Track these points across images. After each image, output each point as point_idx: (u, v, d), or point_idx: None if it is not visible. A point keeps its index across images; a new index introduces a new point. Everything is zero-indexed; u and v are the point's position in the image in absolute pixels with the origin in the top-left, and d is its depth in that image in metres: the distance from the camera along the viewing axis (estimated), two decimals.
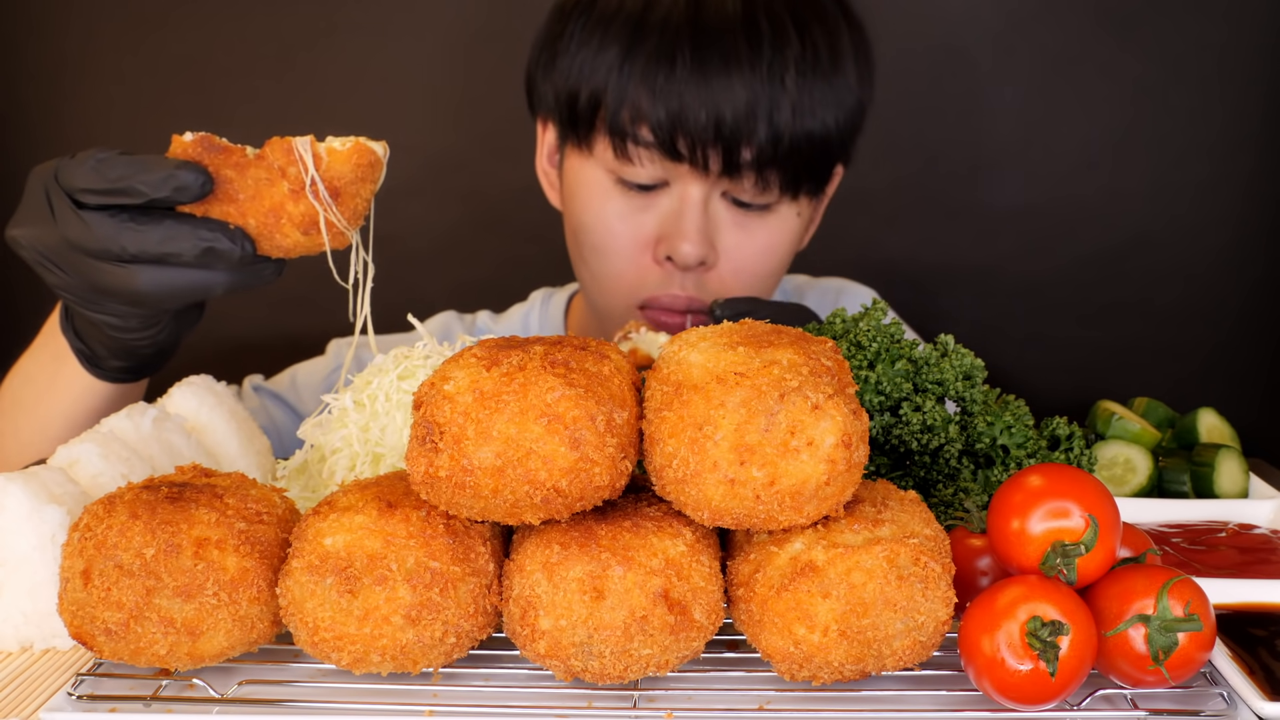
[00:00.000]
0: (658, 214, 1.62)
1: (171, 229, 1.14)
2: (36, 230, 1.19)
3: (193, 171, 1.12)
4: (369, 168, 1.16)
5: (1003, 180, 2.37)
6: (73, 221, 1.16)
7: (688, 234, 1.60)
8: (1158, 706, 0.95)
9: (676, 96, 1.54)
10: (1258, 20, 2.30)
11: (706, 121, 1.54)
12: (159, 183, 1.12)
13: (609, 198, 1.64)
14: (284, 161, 1.14)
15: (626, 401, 0.95)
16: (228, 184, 1.14)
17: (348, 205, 1.16)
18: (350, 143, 1.15)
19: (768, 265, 1.67)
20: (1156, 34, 2.31)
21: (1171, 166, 2.36)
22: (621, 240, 1.64)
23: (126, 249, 1.14)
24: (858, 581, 0.91)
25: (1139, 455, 1.32)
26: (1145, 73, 2.32)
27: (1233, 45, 2.31)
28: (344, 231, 1.17)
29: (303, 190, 1.14)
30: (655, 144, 1.56)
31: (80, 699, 0.95)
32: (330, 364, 1.89)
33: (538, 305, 1.96)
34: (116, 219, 1.14)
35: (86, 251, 1.16)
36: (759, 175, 1.58)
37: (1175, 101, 2.34)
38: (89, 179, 1.14)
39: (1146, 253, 2.38)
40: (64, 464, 1.14)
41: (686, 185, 1.60)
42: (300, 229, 1.15)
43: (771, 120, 1.55)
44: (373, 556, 0.93)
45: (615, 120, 1.58)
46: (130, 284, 1.16)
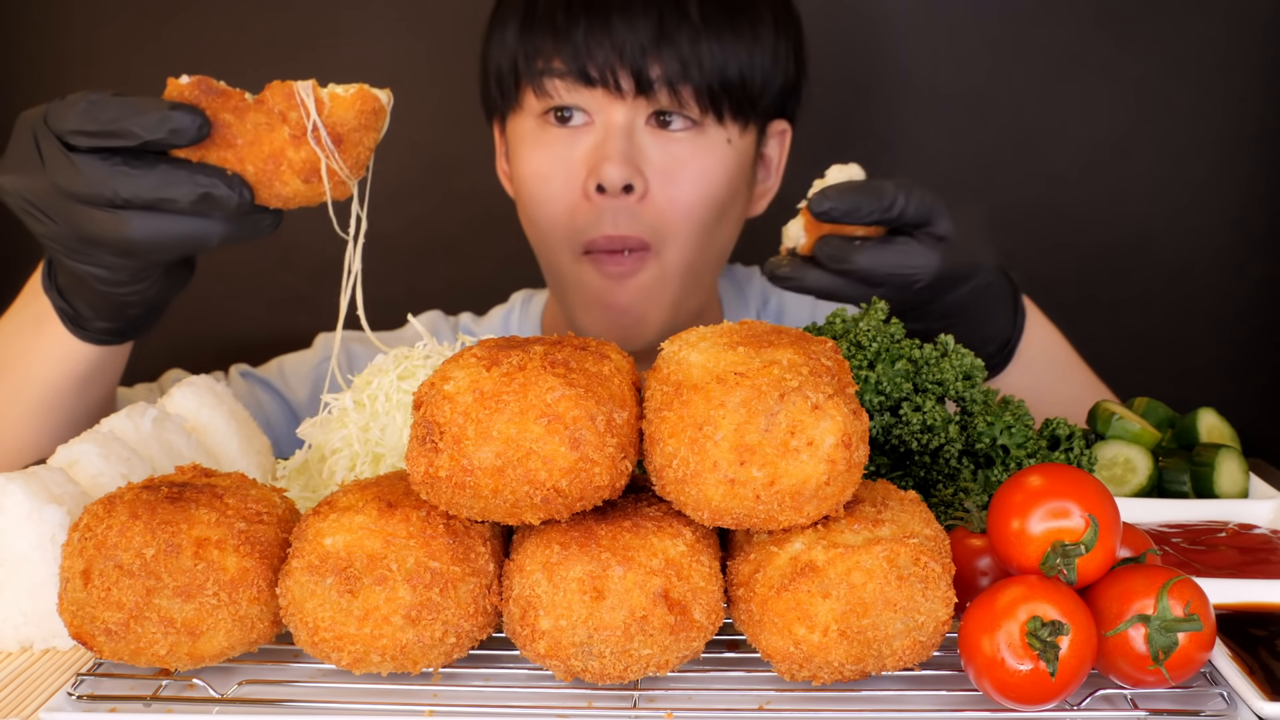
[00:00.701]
0: (585, 148, 1.65)
1: (166, 174, 1.10)
2: (23, 176, 1.15)
3: (189, 113, 1.08)
4: (372, 115, 1.12)
5: (1002, 180, 2.37)
6: (62, 165, 1.11)
7: (611, 156, 1.62)
8: (1158, 706, 0.95)
9: (581, 27, 1.61)
10: (1258, 20, 2.30)
11: (612, 44, 1.60)
12: (154, 124, 1.08)
13: (538, 144, 1.68)
14: (285, 106, 1.10)
15: (626, 401, 0.95)
16: (225, 128, 1.10)
17: (350, 153, 1.12)
18: (354, 89, 1.11)
19: (701, 192, 1.68)
20: (1156, 34, 2.31)
21: (1171, 166, 2.36)
22: (555, 183, 1.67)
23: (118, 193, 1.10)
24: (858, 581, 0.91)
25: (1139, 455, 1.32)
26: (1145, 73, 2.32)
27: (1233, 45, 2.31)
28: (345, 180, 1.13)
29: (304, 136, 1.10)
30: (568, 72, 1.62)
31: (80, 699, 0.95)
32: (317, 356, 1.89)
33: (518, 306, 1.97)
34: (108, 162, 1.10)
35: (76, 197, 1.12)
36: (672, 91, 1.62)
37: (1175, 101, 2.34)
38: (80, 120, 1.10)
39: (1146, 252, 2.38)
40: (64, 464, 1.14)
41: (608, 114, 1.64)
42: (301, 176, 1.11)
43: (676, 40, 1.61)
44: (373, 556, 0.93)
45: (530, 66, 1.65)
46: (121, 231, 1.12)
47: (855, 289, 1.32)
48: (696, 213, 1.68)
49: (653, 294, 1.71)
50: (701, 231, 1.70)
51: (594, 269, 1.69)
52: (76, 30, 2.29)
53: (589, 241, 1.67)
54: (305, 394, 1.86)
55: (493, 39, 1.73)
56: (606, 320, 1.72)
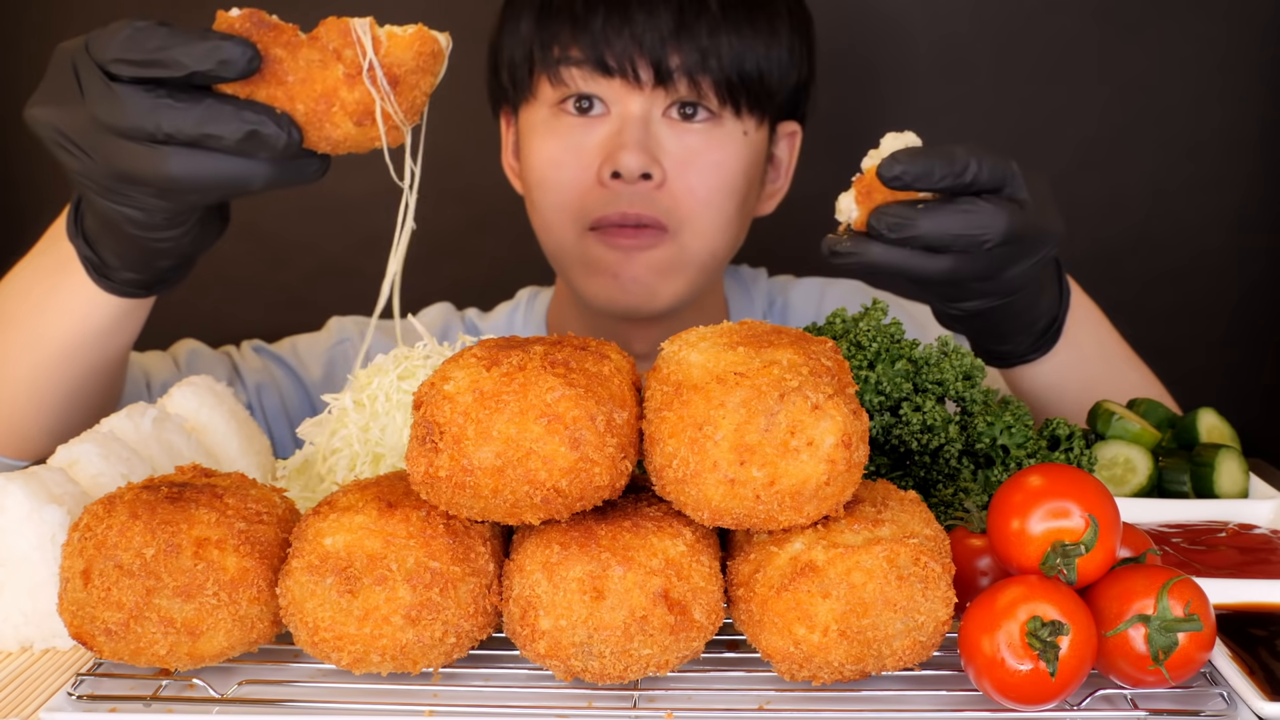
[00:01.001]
0: (599, 137, 1.65)
1: (212, 108, 1.04)
2: (59, 108, 1.10)
3: (240, 44, 1.02)
4: (431, 57, 1.07)
5: None
6: (103, 95, 1.05)
7: (628, 145, 1.62)
8: (1158, 706, 0.95)
9: (598, 13, 1.61)
10: (1258, 20, 2.30)
11: (631, 34, 1.59)
12: (202, 55, 1.02)
13: (551, 132, 1.67)
14: (340, 44, 1.04)
15: (626, 401, 0.95)
16: (276, 64, 1.03)
17: (405, 96, 1.06)
18: (412, 29, 1.05)
19: (720, 181, 1.68)
20: (1156, 34, 2.31)
21: (1171, 166, 2.36)
22: (567, 169, 1.66)
23: (160, 127, 1.04)
24: (858, 581, 0.91)
25: (1139, 455, 1.32)
26: (1145, 73, 2.32)
27: (1233, 45, 2.31)
28: (399, 125, 1.07)
29: (359, 75, 1.04)
30: (586, 60, 1.61)
31: (80, 699, 0.95)
32: (332, 338, 1.88)
33: (524, 304, 1.97)
34: (152, 94, 1.04)
35: (115, 130, 1.06)
36: (691, 81, 1.62)
37: (1175, 101, 2.34)
38: (124, 48, 1.04)
39: (1146, 252, 2.38)
40: (64, 464, 1.14)
41: (625, 104, 1.63)
42: (353, 118, 1.05)
43: (695, 31, 1.61)
44: (373, 556, 0.93)
45: (546, 55, 1.64)
46: (160, 168, 1.06)
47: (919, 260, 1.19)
48: (715, 202, 1.68)
49: (666, 270, 1.71)
50: (720, 220, 1.70)
51: (600, 241, 1.68)
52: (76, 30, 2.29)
53: (599, 218, 1.66)
54: (319, 374, 1.85)
55: (506, 29, 1.72)
56: (611, 286, 1.71)
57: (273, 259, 2.46)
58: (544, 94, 1.68)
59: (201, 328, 1.84)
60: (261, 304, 2.44)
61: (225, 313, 2.24)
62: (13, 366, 1.36)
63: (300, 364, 1.85)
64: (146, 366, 1.67)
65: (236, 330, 1.89)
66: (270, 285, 2.48)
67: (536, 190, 1.72)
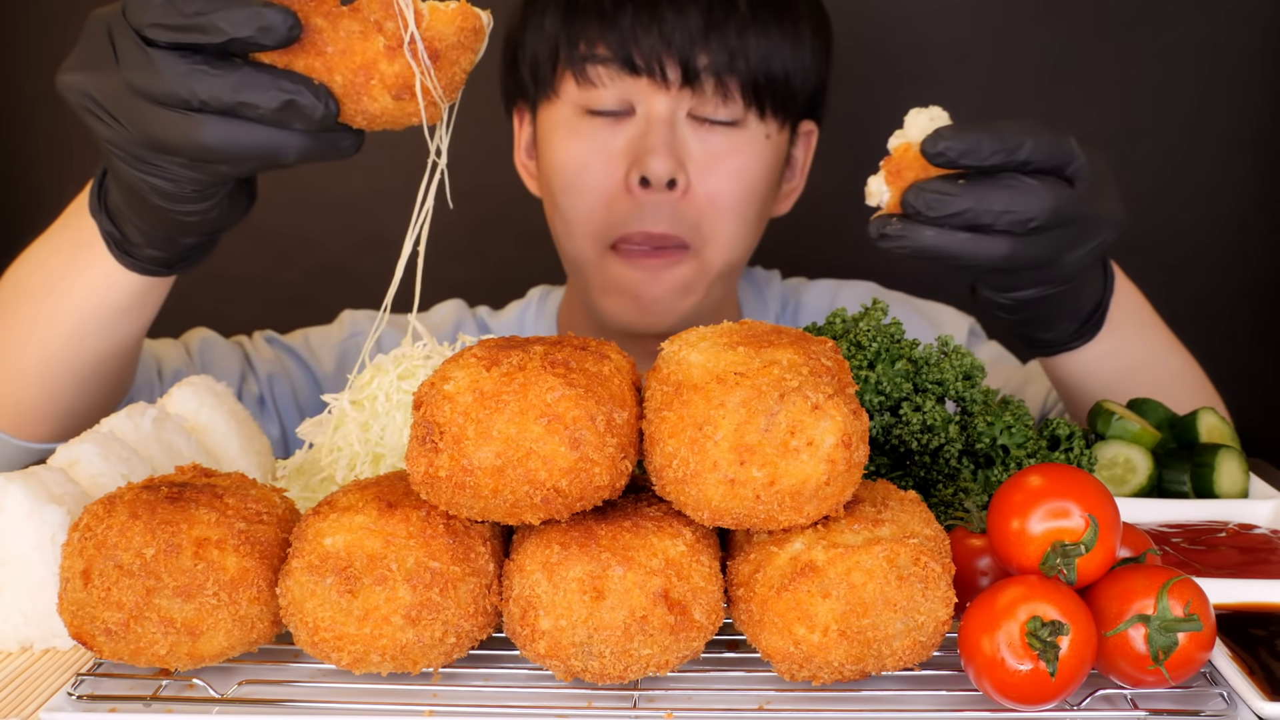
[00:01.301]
0: (626, 139, 1.63)
1: (249, 76, 1.02)
2: (93, 74, 1.08)
3: (280, 12, 1.00)
4: (472, 34, 1.05)
5: None
6: (138, 61, 1.04)
7: (656, 149, 1.60)
8: (1158, 706, 0.95)
9: (626, 11, 1.59)
10: (1258, 20, 2.30)
11: (660, 32, 1.58)
12: (243, 20, 1.00)
13: (576, 132, 1.65)
14: (381, 15, 1.02)
15: (626, 401, 0.95)
16: (316, 33, 1.01)
17: (445, 72, 1.04)
18: (455, 4, 1.04)
19: (742, 187, 1.66)
20: (1156, 34, 2.31)
21: (1171, 166, 2.36)
22: (593, 173, 1.64)
23: (196, 94, 1.03)
24: (858, 581, 0.91)
25: (1139, 455, 1.32)
26: (1145, 73, 2.32)
27: (1233, 45, 2.31)
28: (438, 102, 1.06)
29: (400, 48, 1.02)
30: (613, 59, 1.59)
31: (80, 699, 0.95)
32: (344, 331, 1.87)
33: (534, 303, 1.95)
34: (189, 60, 1.02)
35: (150, 96, 1.04)
36: (719, 82, 1.61)
37: (1175, 101, 2.34)
38: (162, 13, 1.02)
39: (1145, 252, 2.38)
40: (64, 464, 1.14)
41: (651, 105, 1.62)
42: (392, 92, 1.03)
43: (724, 30, 1.59)
44: (373, 556, 0.93)
45: (571, 52, 1.62)
46: (194, 135, 1.04)
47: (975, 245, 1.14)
48: (738, 209, 1.67)
49: (686, 288, 1.70)
50: (741, 227, 1.69)
51: (623, 262, 1.67)
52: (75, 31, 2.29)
53: (624, 236, 1.65)
54: (331, 367, 1.84)
55: (529, 24, 1.69)
56: (631, 308, 1.70)
57: (275, 257, 2.46)
58: (567, 92, 1.66)
59: (203, 325, 1.84)
60: (263, 302, 2.44)
61: (226, 311, 2.24)
62: (25, 343, 1.34)
63: (313, 356, 1.84)
64: (158, 354, 1.66)
65: (238, 328, 1.89)
66: (272, 283, 2.48)
67: (559, 193, 1.69)
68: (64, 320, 1.31)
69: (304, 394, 1.81)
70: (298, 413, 1.80)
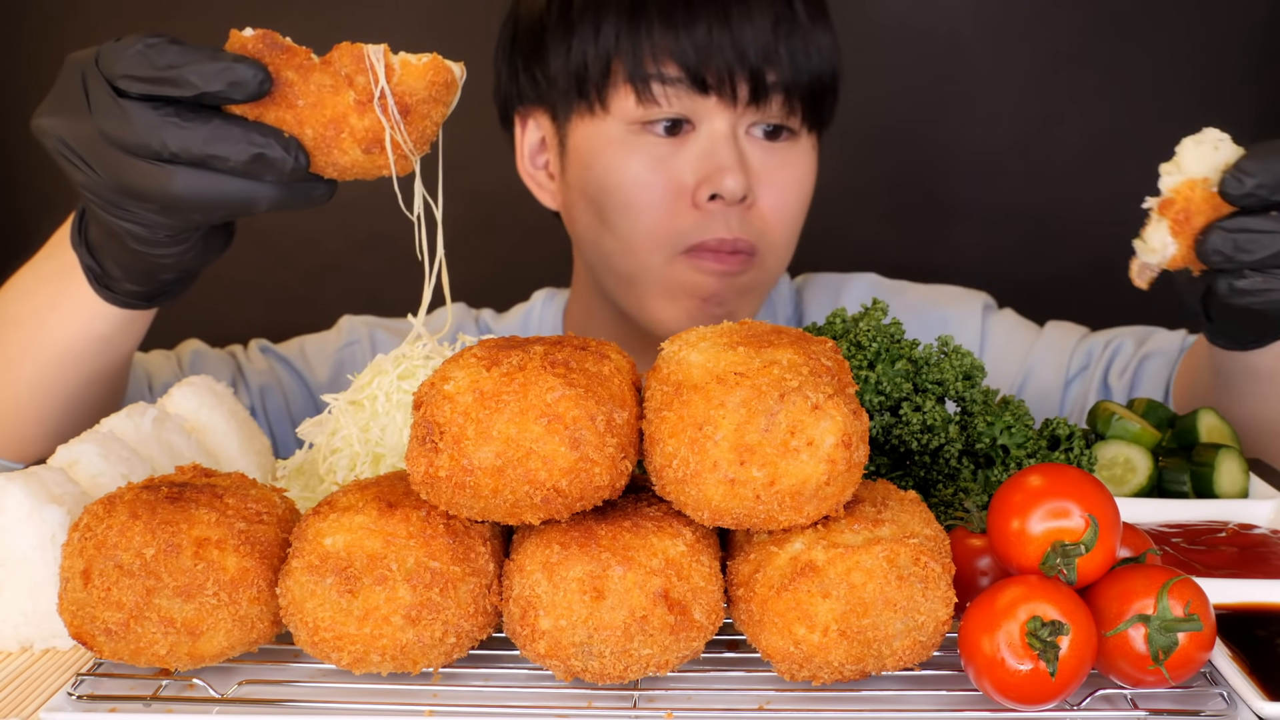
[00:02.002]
0: (689, 157, 1.60)
1: (220, 129, 1.03)
2: (66, 120, 1.09)
3: (251, 66, 1.02)
4: (444, 88, 1.06)
5: (1003, 180, 2.37)
6: (111, 111, 1.05)
7: (729, 167, 1.57)
8: (1158, 706, 0.95)
9: (702, 26, 1.53)
10: (1257, 21, 2.30)
11: (733, 48, 1.54)
12: (213, 75, 1.01)
13: (633, 151, 1.60)
14: (352, 69, 1.03)
15: (626, 401, 0.95)
16: (287, 87, 1.03)
17: (416, 126, 1.05)
18: (427, 58, 1.04)
19: (801, 197, 1.66)
20: (1156, 34, 2.31)
21: None
22: (655, 191, 1.60)
23: (167, 145, 1.04)
24: (858, 581, 0.91)
25: (1139, 455, 1.32)
26: (1145, 73, 2.32)
27: (1232, 46, 2.31)
28: (409, 155, 1.07)
29: (370, 102, 1.03)
30: (683, 78, 1.55)
31: (80, 699, 0.95)
32: (341, 339, 1.85)
33: (539, 305, 1.94)
34: (160, 112, 1.04)
35: (121, 145, 1.06)
36: (786, 98, 1.58)
37: (1175, 101, 2.34)
38: (135, 64, 1.03)
39: None
40: (64, 464, 1.14)
41: (714, 122, 1.58)
42: (362, 145, 1.05)
43: (790, 41, 1.56)
44: (373, 556, 0.93)
45: (637, 65, 1.55)
46: (165, 186, 1.06)
47: None
48: (796, 220, 1.67)
49: (747, 292, 1.69)
50: (794, 236, 1.69)
51: (694, 266, 1.63)
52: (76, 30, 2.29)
53: (697, 244, 1.61)
54: (326, 375, 1.82)
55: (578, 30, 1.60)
56: (694, 313, 1.67)
57: (274, 257, 2.46)
58: (621, 108, 1.59)
59: (202, 326, 1.85)
60: (262, 302, 2.44)
61: (225, 311, 2.24)
62: (15, 369, 1.35)
63: (307, 366, 1.83)
64: (149, 368, 1.66)
65: (237, 328, 1.89)
66: (271, 284, 2.49)
67: (615, 212, 1.63)
68: (51, 348, 1.32)
69: (297, 404, 1.80)
70: (290, 423, 1.78)
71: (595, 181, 1.64)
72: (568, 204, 1.72)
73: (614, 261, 1.68)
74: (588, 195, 1.66)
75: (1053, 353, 1.80)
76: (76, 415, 1.40)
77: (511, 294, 2.01)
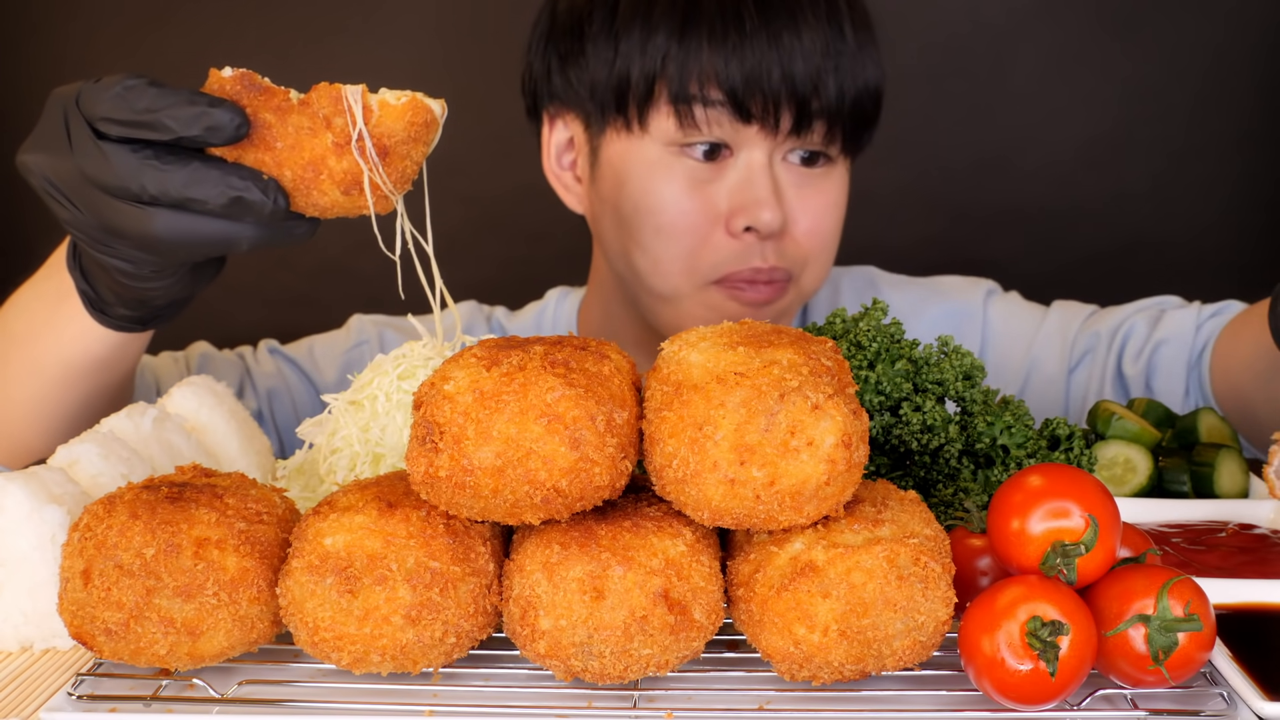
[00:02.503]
0: (726, 185, 1.58)
1: (198, 172, 1.04)
2: (50, 158, 1.10)
3: (228, 111, 1.02)
4: (423, 127, 1.05)
5: (1003, 180, 2.37)
6: (90, 153, 1.06)
7: (766, 201, 1.56)
8: (1158, 706, 0.95)
9: (752, 54, 1.51)
10: (1257, 20, 2.30)
11: (781, 77, 1.51)
12: (190, 120, 1.02)
13: (672, 174, 1.57)
14: (330, 111, 1.03)
15: (626, 401, 0.95)
16: (265, 129, 1.03)
17: (395, 166, 1.05)
18: (406, 97, 1.04)
19: (834, 224, 1.65)
20: (1156, 34, 2.31)
21: (1171, 166, 2.36)
22: (692, 217, 1.58)
23: (146, 189, 1.05)
24: (858, 581, 0.91)
25: (1139, 455, 1.32)
26: (1145, 73, 2.32)
27: (1232, 45, 2.31)
28: (389, 195, 1.06)
29: (348, 144, 1.03)
30: (727, 105, 1.52)
31: (80, 699, 0.95)
32: (350, 339, 1.84)
33: (553, 304, 1.92)
34: (139, 154, 1.05)
35: (102, 187, 1.07)
36: (829, 129, 1.56)
37: (1175, 101, 2.34)
38: (113, 108, 1.04)
39: (1146, 253, 2.39)
40: (64, 464, 1.14)
41: (752, 150, 1.57)
42: (340, 187, 1.05)
43: (838, 71, 1.53)
44: (373, 556, 0.93)
45: (682, 88, 1.53)
46: (145, 227, 1.07)
47: None
48: (831, 244, 1.65)
49: (782, 315, 1.69)
50: (831, 258, 1.67)
51: (728, 296, 1.62)
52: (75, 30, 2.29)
53: (729, 274, 1.60)
54: (334, 376, 1.81)
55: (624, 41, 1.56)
56: None
57: (276, 258, 2.46)
58: (660, 128, 1.56)
59: (204, 326, 1.84)
60: (263, 302, 2.44)
61: (228, 311, 2.25)
62: (16, 387, 1.36)
63: (315, 367, 1.82)
64: (157, 371, 1.66)
65: (239, 328, 1.89)
66: (272, 284, 2.49)
67: (648, 234, 1.60)
68: (51, 367, 1.33)
69: (304, 407, 1.79)
70: (295, 424, 1.78)
71: (629, 200, 1.61)
72: (596, 213, 1.69)
73: (646, 279, 1.65)
74: (620, 213, 1.63)
75: (1056, 338, 1.78)
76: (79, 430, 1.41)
77: (520, 294, 2.01)
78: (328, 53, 2.29)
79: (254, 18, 2.28)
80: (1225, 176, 2.35)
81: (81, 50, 2.29)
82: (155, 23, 2.29)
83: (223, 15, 2.28)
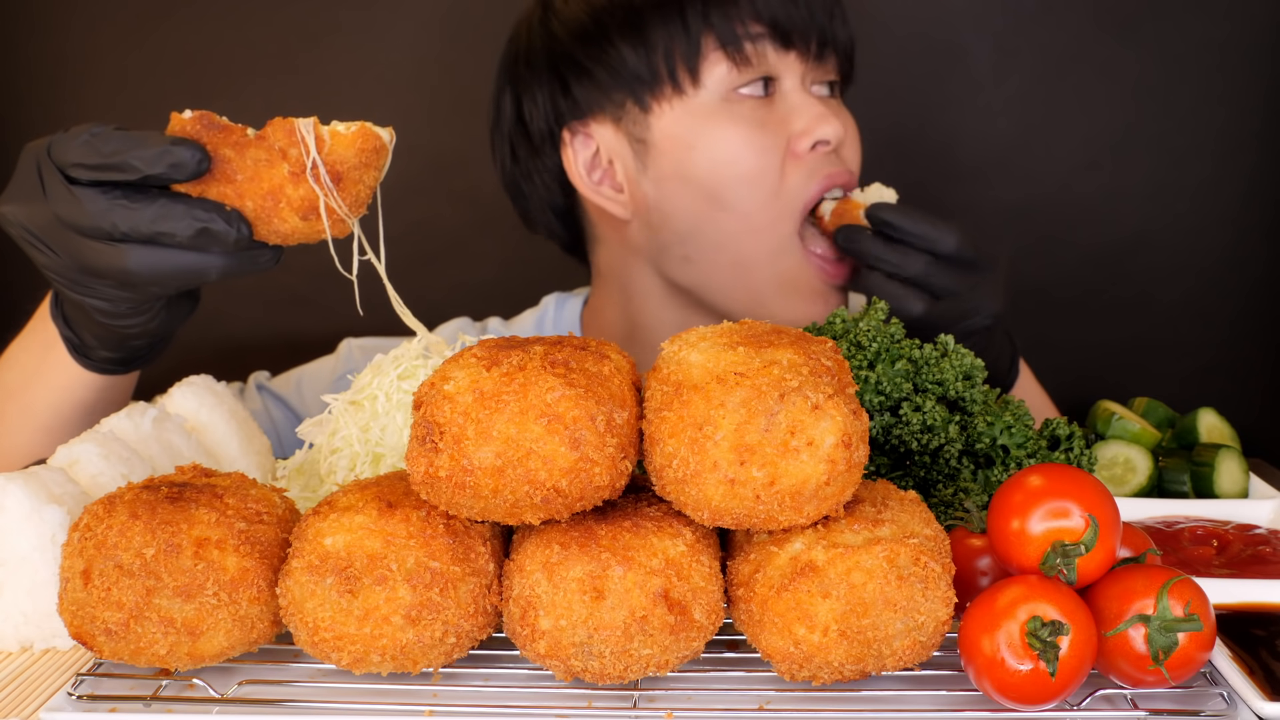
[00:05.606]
0: (779, 116, 1.63)
1: (165, 207, 1.11)
2: (26, 207, 1.17)
3: (189, 149, 1.09)
4: (373, 153, 1.13)
5: (1003, 180, 2.37)
6: (64, 197, 1.13)
7: (824, 114, 1.61)
8: (1158, 706, 0.95)
9: None
10: (1258, 20, 2.30)
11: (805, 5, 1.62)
12: (153, 159, 1.09)
13: (735, 119, 1.61)
14: (285, 143, 1.10)
15: (626, 401, 0.95)
16: (226, 164, 1.10)
17: (349, 191, 1.12)
18: (355, 127, 1.11)
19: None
20: (1156, 34, 2.31)
21: (1171, 166, 2.36)
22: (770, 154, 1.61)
23: (118, 226, 1.12)
24: (858, 581, 0.91)
25: (1139, 455, 1.32)
26: (1145, 73, 2.32)
27: (1233, 45, 2.31)
28: (345, 219, 1.14)
29: (303, 173, 1.10)
30: (768, 36, 1.60)
31: (80, 699, 0.95)
32: (341, 366, 1.85)
33: (551, 310, 1.90)
34: (109, 196, 1.12)
35: (77, 229, 1.14)
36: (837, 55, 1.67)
37: (1175, 101, 2.33)
38: (81, 153, 1.12)
39: (1146, 252, 2.38)
40: (64, 464, 1.14)
41: (793, 77, 1.64)
42: (299, 214, 1.12)
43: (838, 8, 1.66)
44: (373, 556, 0.93)
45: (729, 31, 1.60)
46: (120, 264, 1.14)
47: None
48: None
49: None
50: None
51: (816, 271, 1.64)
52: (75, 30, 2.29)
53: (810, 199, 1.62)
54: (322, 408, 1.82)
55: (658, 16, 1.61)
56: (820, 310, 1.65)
57: None
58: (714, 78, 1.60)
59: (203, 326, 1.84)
60: (262, 303, 2.44)
61: (228, 312, 2.24)
62: (11, 435, 1.42)
63: (302, 403, 1.83)
64: None
65: (238, 328, 1.88)
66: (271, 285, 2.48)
67: (731, 188, 1.61)
68: (41, 414, 1.38)
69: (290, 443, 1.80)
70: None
71: (703, 160, 1.62)
72: (658, 200, 1.67)
73: (731, 246, 1.65)
74: (694, 179, 1.63)
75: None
76: None
77: (514, 295, 2.00)
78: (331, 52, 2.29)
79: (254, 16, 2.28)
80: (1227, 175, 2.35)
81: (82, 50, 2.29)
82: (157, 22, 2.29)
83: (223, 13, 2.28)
